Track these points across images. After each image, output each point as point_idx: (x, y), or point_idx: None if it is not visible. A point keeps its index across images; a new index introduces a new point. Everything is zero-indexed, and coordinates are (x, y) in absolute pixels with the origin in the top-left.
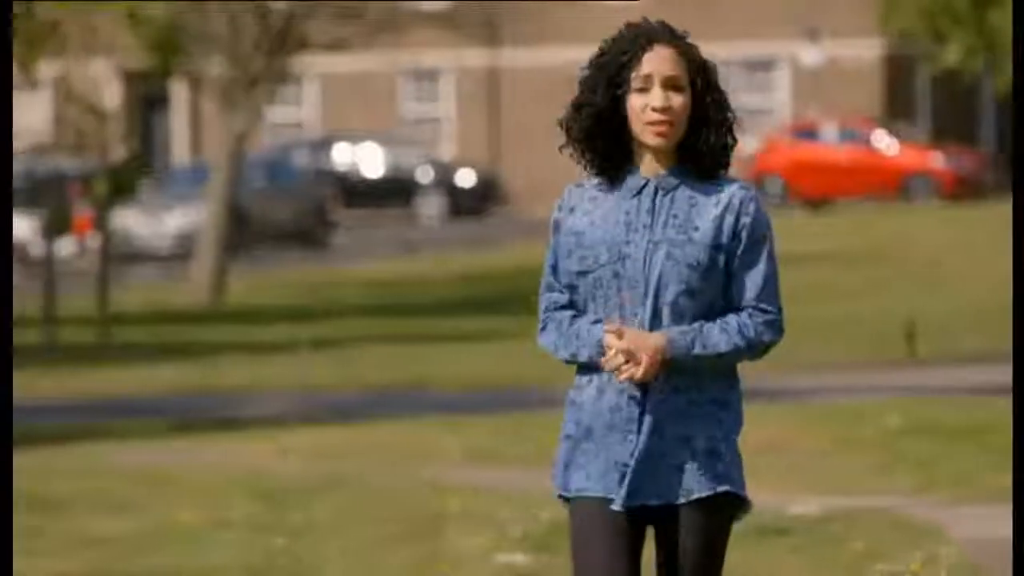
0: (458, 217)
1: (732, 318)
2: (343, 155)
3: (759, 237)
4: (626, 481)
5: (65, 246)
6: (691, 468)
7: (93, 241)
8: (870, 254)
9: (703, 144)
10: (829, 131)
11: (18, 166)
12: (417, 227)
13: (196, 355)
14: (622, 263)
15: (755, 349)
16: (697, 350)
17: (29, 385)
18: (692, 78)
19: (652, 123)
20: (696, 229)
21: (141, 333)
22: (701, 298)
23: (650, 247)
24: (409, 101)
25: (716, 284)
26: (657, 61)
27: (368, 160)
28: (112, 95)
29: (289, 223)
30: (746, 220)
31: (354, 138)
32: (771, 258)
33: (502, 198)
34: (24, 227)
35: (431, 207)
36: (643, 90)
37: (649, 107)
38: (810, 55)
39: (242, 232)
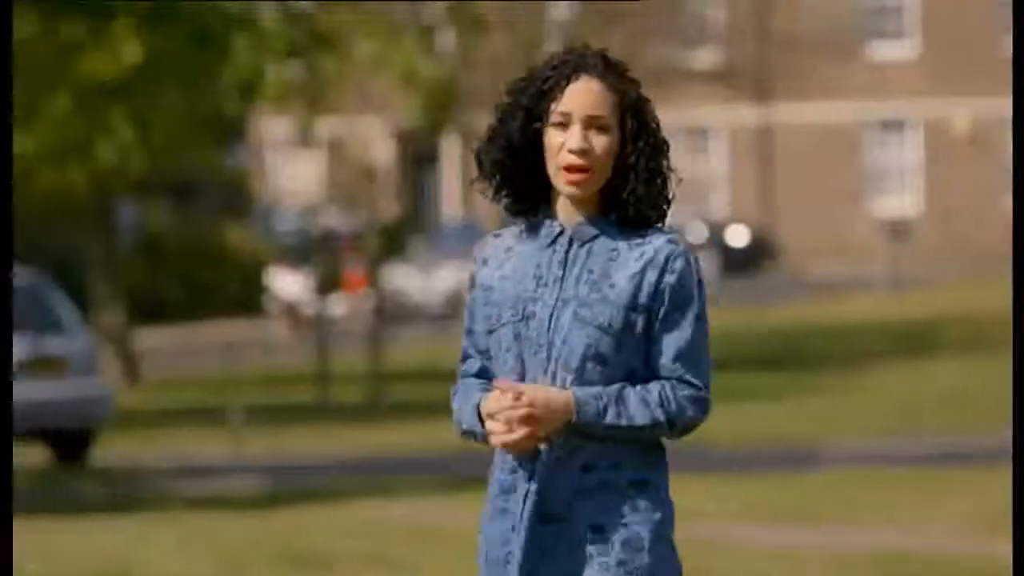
0: (730, 274)
1: (654, 387)
2: None
3: (685, 298)
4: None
5: (336, 304)
6: (603, 565)
7: (365, 299)
8: None
9: (628, 195)
10: None
11: (290, 224)
12: None
13: None
14: (525, 323)
15: (676, 427)
16: (610, 419)
17: (301, 442)
18: (622, 118)
19: (566, 168)
20: (612, 286)
21: (413, 391)
22: (615, 366)
23: (558, 305)
24: (680, 158)
25: (633, 350)
26: (581, 95)
27: None
28: (384, 153)
29: None
30: (670, 279)
31: None
32: (699, 323)
33: (775, 255)
34: (296, 285)
35: (703, 265)
36: (562, 125)
37: (565, 147)
38: None
39: None
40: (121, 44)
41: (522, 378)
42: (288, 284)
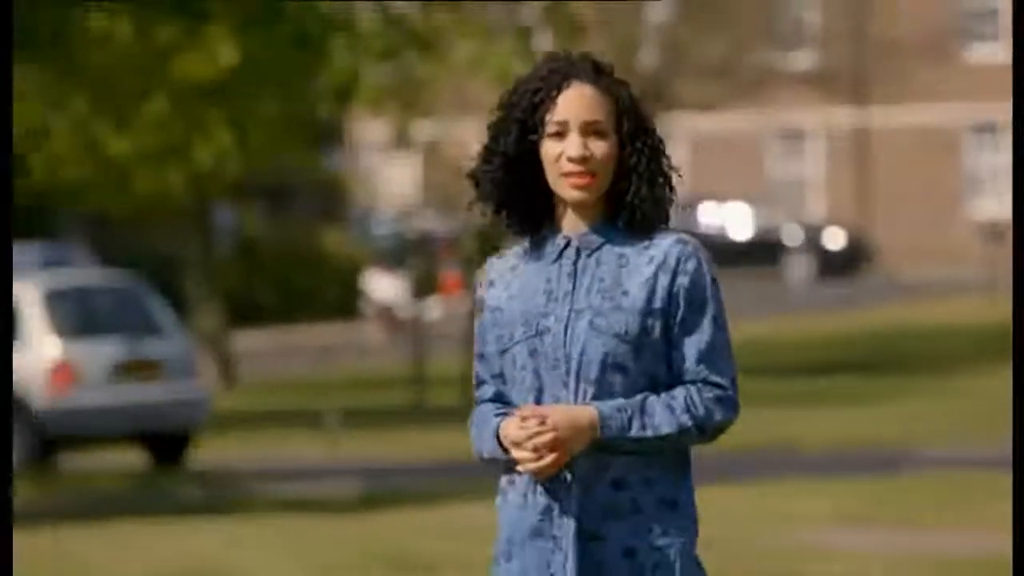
0: (826, 278)
1: (679, 392)
2: (710, 215)
3: (700, 299)
4: None
5: (432, 307)
6: None
7: (460, 302)
8: None
9: (633, 197)
10: None
11: (386, 227)
12: (785, 288)
13: None
14: (539, 338)
15: (706, 431)
16: (635, 431)
17: (397, 445)
18: (618, 121)
19: (568, 174)
20: (625, 294)
21: None
22: (635, 374)
23: (571, 317)
24: (776, 161)
25: (653, 356)
26: (574, 102)
27: (735, 221)
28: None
29: None
30: (683, 280)
31: (721, 198)
32: (718, 322)
33: (871, 259)
34: (391, 288)
35: (799, 268)
36: (558, 135)
37: (564, 156)
38: None
39: None
40: (217, 46)
41: (541, 393)
42: (384, 287)
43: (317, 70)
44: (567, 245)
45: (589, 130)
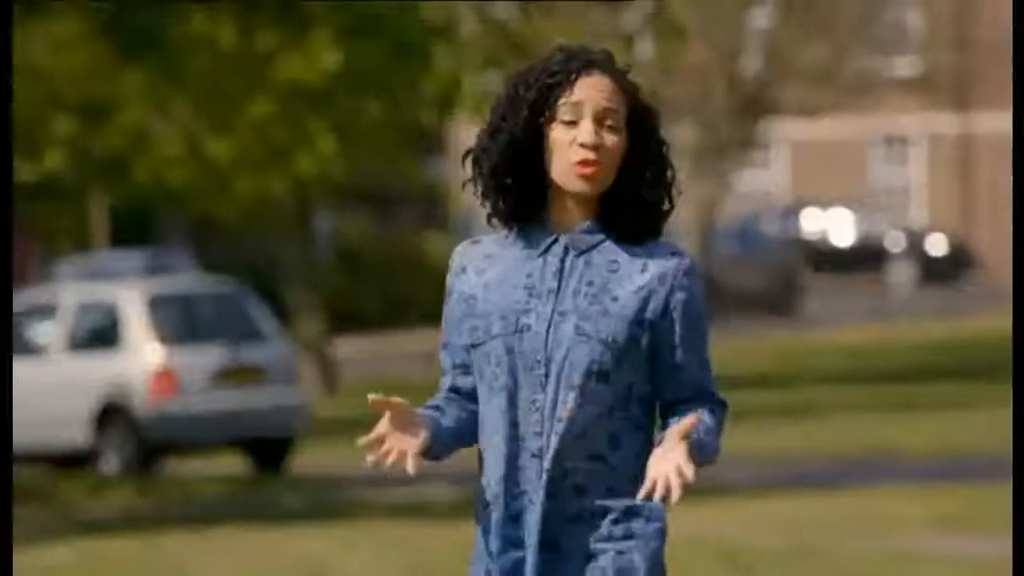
0: (929, 284)
1: (707, 417)
2: (812, 222)
3: (696, 314)
4: None
5: None
6: None
7: None
8: None
9: (634, 201)
10: None
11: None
12: (888, 294)
13: None
14: (518, 336)
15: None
16: (710, 453)
17: None
18: (630, 120)
19: (579, 162)
20: (614, 299)
21: None
22: (615, 382)
23: (555, 318)
24: (879, 167)
25: (633, 366)
26: (593, 89)
27: (838, 227)
28: None
29: (759, 290)
30: (681, 296)
31: (824, 204)
32: (706, 338)
33: (974, 265)
34: None
35: (902, 274)
36: (571, 123)
37: (577, 142)
38: None
39: (712, 299)
40: (320, 51)
41: (513, 394)
42: None
43: (419, 77)
44: (555, 241)
45: (603, 119)
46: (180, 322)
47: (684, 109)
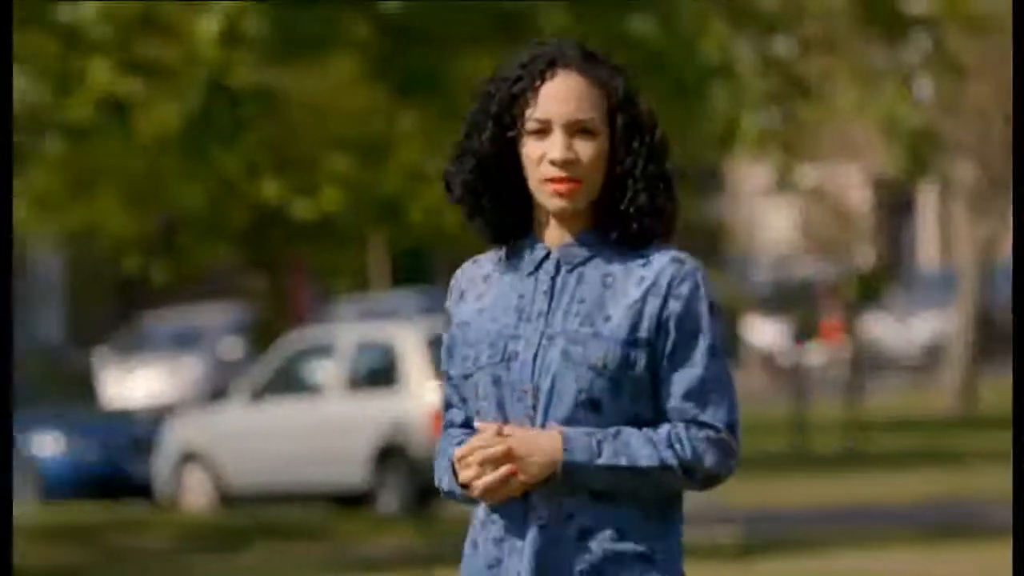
0: None
1: (663, 428)
2: None
3: (693, 327)
4: None
5: (814, 353)
6: None
7: (842, 348)
8: None
9: (628, 206)
10: None
11: (765, 273)
12: None
13: (946, 462)
14: (506, 365)
15: (693, 473)
16: (606, 458)
17: (779, 492)
18: (611, 116)
19: (549, 180)
20: (607, 319)
21: (890, 441)
22: (610, 413)
23: (543, 343)
24: None
25: (635, 394)
26: (559, 96)
27: None
28: (860, 201)
29: None
30: (675, 306)
31: None
32: (713, 355)
33: None
34: (772, 334)
35: None
36: (540, 133)
37: (547, 159)
38: None
39: (992, 338)
40: None
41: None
42: (764, 333)
43: (697, 116)
44: (546, 257)
45: (575, 129)
46: None
47: (964, 147)
